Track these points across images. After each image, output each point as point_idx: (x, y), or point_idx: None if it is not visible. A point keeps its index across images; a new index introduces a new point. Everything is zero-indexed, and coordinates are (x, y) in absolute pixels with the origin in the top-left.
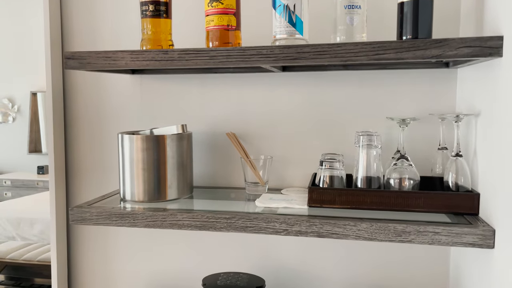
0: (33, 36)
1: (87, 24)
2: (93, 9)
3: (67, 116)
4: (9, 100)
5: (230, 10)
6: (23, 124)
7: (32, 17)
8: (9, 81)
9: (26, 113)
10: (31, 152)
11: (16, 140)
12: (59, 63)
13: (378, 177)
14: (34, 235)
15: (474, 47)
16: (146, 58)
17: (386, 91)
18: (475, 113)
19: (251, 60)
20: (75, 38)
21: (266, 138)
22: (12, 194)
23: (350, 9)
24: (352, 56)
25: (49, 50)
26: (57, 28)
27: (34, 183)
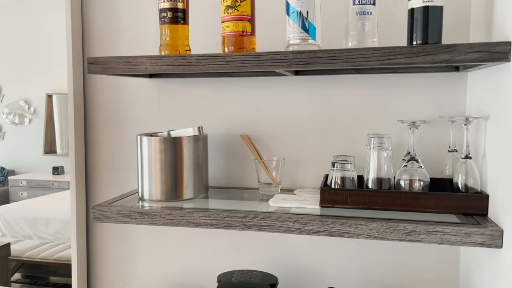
0: (48, 39)
1: (107, 29)
2: (112, 15)
3: (87, 118)
4: (25, 102)
5: (245, 16)
6: (39, 126)
7: (47, 20)
8: (26, 84)
9: (42, 114)
10: (46, 153)
11: (32, 141)
12: (80, 68)
13: (388, 178)
14: (50, 234)
15: (482, 52)
16: (165, 63)
17: (397, 95)
18: (485, 116)
19: (266, 65)
20: (95, 43)
21: (279, 140)
22: (28, 194)
23: (361, 15)
24: (363, 61)
25: (70, 55)
26: (78, 33)
27: (49, 183)
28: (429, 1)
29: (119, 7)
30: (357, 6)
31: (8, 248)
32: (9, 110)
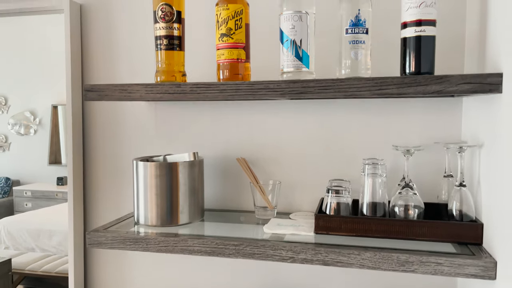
0: (54, 51)
1: (106, 52)
2: (112, 38)
3: (86, 140)
4: (31, 113)
5: (240, 44)
6: (44, 136)
7: (53, 33)
8: (31, 95)
9: (47, 125)
10: (51, 164)
11: (37, 151)
12: (78, 91)
13: (383, 203)
14: (53, 246)
15: (474, 84)
16: (160, 91)
17: (393, 119)
18: (479, 144)
19: (259, 94)
20: (95, 66)
21: (275, 163)
22: (32, 204)
23: (354, 44)
24: (356, 91)
25: (69, 81)
26: (77, 59)
27: (53, 194)
28: (421, 31)
29: (118, 32)
30: (350, 35)
31: (9, 263)
32: (15, 121)
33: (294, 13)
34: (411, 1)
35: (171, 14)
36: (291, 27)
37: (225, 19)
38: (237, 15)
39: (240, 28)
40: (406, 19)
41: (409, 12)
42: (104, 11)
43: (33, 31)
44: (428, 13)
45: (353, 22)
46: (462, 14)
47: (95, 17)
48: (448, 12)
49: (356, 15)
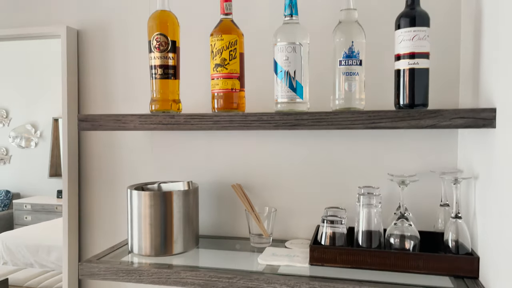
0: (55, 64)
1: (102, 80)
2: (107, 64)
3: (81, 165)
4: (32, 125)
5: (234, 74)
6: (45, 149)
7: (55, 46)
8: (33, 107)
9: (48, 138)
10: (51, 176)
11: (37, 164)
12: (74, 117)
13: (379, 232)
14: (52, 262)
15: (467, 118)
16: (154, 122)
17: (389, 147)
18: (474, 176)
19: (253, 126)
20: (91, 92)
21: (270, 189)
22: (31, 218)
23: (348, 76)
24: (349, 124)
25: (65, 107)
26: (73, 83)
27: (53, 207)
28: (415, 63)
29: (114, 58)
30: (344, 67)
31: (5, 283)
32: (16, 134)
33: (288, 44)
34: (404, 34)
35: (165, 44)
36: (285, 58)
37: (219, 50)
38: (232, 46)
39: (235, 59)
40: (399, 52)
41: (403, 44)
42: (101, 37)
43: (36, 43)
44: (422, 45)
45: (347, 54)
46: (457, 46)
47: (92, 43)
48: (443, 43)
49: (350, 47)
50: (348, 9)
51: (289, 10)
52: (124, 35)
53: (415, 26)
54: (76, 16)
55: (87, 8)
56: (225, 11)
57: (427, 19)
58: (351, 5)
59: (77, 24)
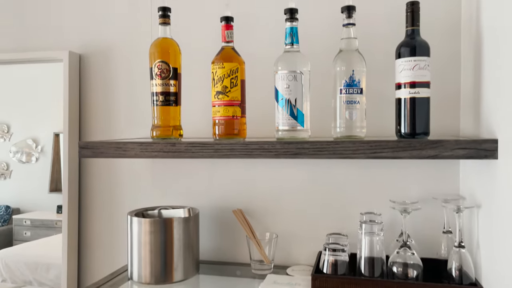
0: (57, 78)
1: (103, 105)
2: (109, 88)
3: (82, 189)
4: (33, 140)
5: (235, 102)
6: (45, 164)
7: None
8: (34, 122)
9: (49, 153)
10: (52, 191)
11: (38, 179)
12: (75, 141)
13: (381, 260)
14: (50, 279)
15: (469, 149)
16: (155, 149)
17: (390, 173)
18: (477, 205)
19: (254, 154)
20: (92, 116)
21: (272, 214)
22: (31, 233)
23: (349, 104)
24: (351, 154)
25: (66, 132)
26: (75, 107)
27: (53, 222)
28: (416, 93)
29: (116, 83)
30: (344, 95)
31: None
32: (17, 149)
33: (289, 73)
34: (404, 63)
35: (167, 71)
36: (286, 86)
37: (220, 77)
38: (233, 73)
39: (236, 86)
40: (400, 80)
41: (403, 74)
42: (103, 61)
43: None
44: (422, 75)
45: (347, 82)
46: (457, 74)
47: (94, 67)
48: (443, 71)
49: (351, 76)
50: (348, 38)
51: (290, 39)
52: (126, 60)
53: (415, 56)
54: (79, 41)
55: (89, 33)
56: (227, 39)
57: (427, 49)
58: (351, 34)
59: (80, 48)
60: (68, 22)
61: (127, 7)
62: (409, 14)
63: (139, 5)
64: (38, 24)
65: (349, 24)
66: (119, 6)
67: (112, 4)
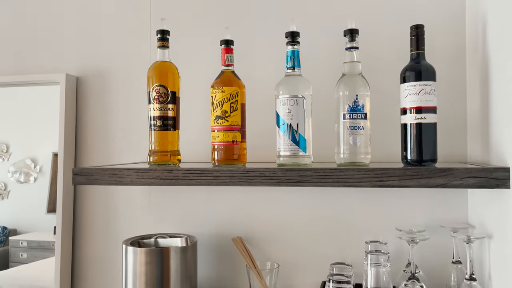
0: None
1: (100, 129)
2: (106, 112)
3: (77, 215)
4: (32, 160)
5: (235, 126)
6: (44, 185)
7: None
8: (33, 142)
9: (47, 173)
10: (49, 212)
11: (36, 200)
12: (70, 167)
13: None
14: None
15: (480, 178)
16: (151, 176)
17: (397, 200)
18: (488, 235)
19: (254, 182)
20: (89, 141)
21: (273, 242)
22: (27, 255)
23: (353, 130)
24: (355, 182)
25: (62, 158)
26: (71, 131)
27: (49, 244)
28: (422, 118)
29: (113, 107)
30: (348, 121)
31: None
32: (15, 169)
33: (290, 97)
34: (410, 88)
35: (165, 95)
36: (287, 111)
37: (220, 102)
38: (233, 98)
39: (236, 111)
40: (405, 105)
41: (409, 98)
42: (101, 84)
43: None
44: (428, 100)
45: (351, 107)
46: (463, 98)
47: (92, 90)
48: (448, 94)
49: (354, 100)
50: (351, 61)
51: (291, 62)
52: (124, 83)
53: (421, 81)
54: (77, 64)
55: (88, 56)
56: (226, 63)
57: (433, 73)
58: (354, 58)
59: (78, 71)
60: (66, 44)
61: (126, 30)
62: (413, 38)
63: (138, 28)
64: (36, 47)
65: (352, 47)
66: (118, 29)
67: (111, 27)
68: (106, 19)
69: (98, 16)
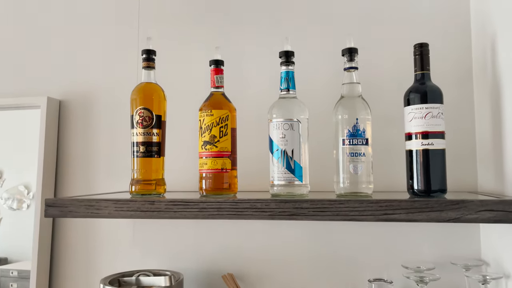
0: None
1: (83, 156)
2: (89, 138)
3: (54, 249)
4: (25, 187)
5: (225, 152)
6: (37, 211)
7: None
8: (26, 168)
9: (39, 202)
10: None
11: (28, 227)
12: (50, 192)
13: None
14: None
15: (496, 212)
16: (131, 208)
17: (402, 233)
18: (505, 275)
19: (245, 214)
20: (70, 169)
21: (267, 279)
22: (17, 285)
23: (353, 157)
24: (357, 215)
25: (40, 187)
26: (52, 159)
27: None
28: (429, 144)
29: (96, 132)
30: (348, 147)
31: None
32: (8, 195)
33: (284, 121)
34: (415, 111)
35: (149, 118)
36: (281, 136)
37: (208, 126)
38: (222, 121)
39: (226, 136)
40: (410, 130)
41: (414, 122)
42: (84, 108)
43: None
44: (436, 124)
45: (351, 132)
46: (471, 122)
47: (75, 114)
48: (454, 118)
49: (354, 125)
50: (351, 83)
51: (286, 84)
52: (109, 107)
53: (427, 103)
54: (60, 87)
55: (71, 78)
56: (216, 84)
57: (440, 95)
58: (354, 79)
59: (61, 94)
60: (49, 66)
61: (112, 52)
62: (417, 57)
63: (124, 50)
64: (18, 69)
65: (351, 67)
66: (104, 51)
67: (96, 49)
68: (91, 40)
69: (83, 37)
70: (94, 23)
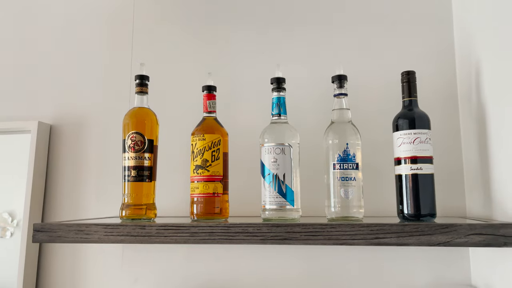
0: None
1: (73, 182)
2: (80, 162)
3: (40, 274)
4: (9, 214)
5: (217, 177)
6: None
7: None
8: (11, 195)
9: (25, 228)
10: None
11: (12, 256)
12: (37, 220)
13: None
14: None
15: (486, 235)
16: (122, 233)
17: (393, 257)
18: None
19: (236, 239)
20: (57, 194)
21: None
22: None
23: (344, 181)
24: (349, 239)
25: (28, 210)
26: (40, 184)
27: None
28: (418, 169)
29: (88, 157)
30: (338, 171)
31: None
32: None
33: (276, 145)
34: (404, 136)
35: (141, 143)
36: (273, 160)
37: (200, 150)
38: (214, 146)
39: (218, 160)
40: (399, 155)
41: (403, 148)
42: (76, 133)
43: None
44: (424, 149)
45: (341, 156)
46: (457, 146)
47: (66, 139)
48: (441, 142)
49: (344, 150)
50: (340, 109)
51: (277, 109)
52: (100, 132)
53: (415, 128)
54: (51, 111)
55: (63, 103)
56: (208, 109)
57: (428, 121)
58: (343, 105)
59: (52, 119)
60: (41, 90)
61: (104, 77)
62: (405, 84)
63: (117, 75)
64: (8, 94)
65: (340, 94)
66: (96, 75)
67: (88, 73)
68: (84, 64)
69: (76, 61)
70: (87, 48)
